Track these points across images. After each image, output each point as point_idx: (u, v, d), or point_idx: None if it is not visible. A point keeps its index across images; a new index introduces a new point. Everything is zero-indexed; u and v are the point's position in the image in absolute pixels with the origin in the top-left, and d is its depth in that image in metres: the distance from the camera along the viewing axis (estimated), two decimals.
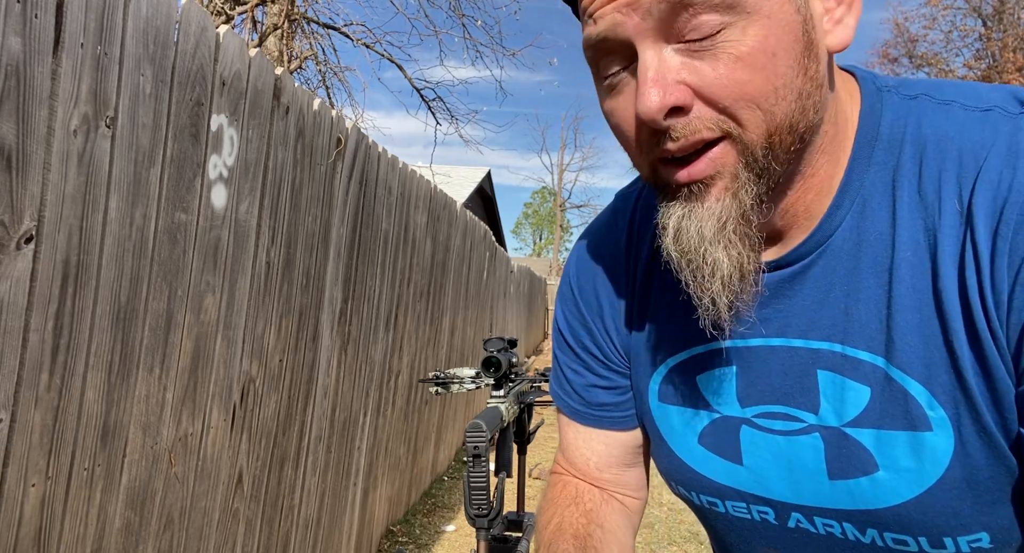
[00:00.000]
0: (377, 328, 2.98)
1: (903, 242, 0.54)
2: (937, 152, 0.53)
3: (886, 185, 0.55)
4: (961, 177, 0.51)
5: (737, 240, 0.53)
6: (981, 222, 0.50)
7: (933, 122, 0.54)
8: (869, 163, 0.56)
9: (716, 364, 0.65)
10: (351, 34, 6.79)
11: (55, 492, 1.21)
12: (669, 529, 3.96)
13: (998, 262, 0.49)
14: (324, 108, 2.19)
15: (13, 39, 1.03)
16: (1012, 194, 0.49)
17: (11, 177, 1.04)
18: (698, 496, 0.70)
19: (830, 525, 0.61)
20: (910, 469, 0.55)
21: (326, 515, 2.60)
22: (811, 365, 0.59)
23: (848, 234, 0.56)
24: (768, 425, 0.62)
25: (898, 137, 0.55)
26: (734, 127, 0.51)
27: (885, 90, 0.58)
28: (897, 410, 0.55)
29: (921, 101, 0.56)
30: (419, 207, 3.47)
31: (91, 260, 1.23)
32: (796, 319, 0.59)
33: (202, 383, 1.63)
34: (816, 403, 0.59)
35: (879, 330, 0.55)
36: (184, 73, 1.44)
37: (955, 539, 0.55)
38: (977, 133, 0.52)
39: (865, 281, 0.56)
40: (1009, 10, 18.60)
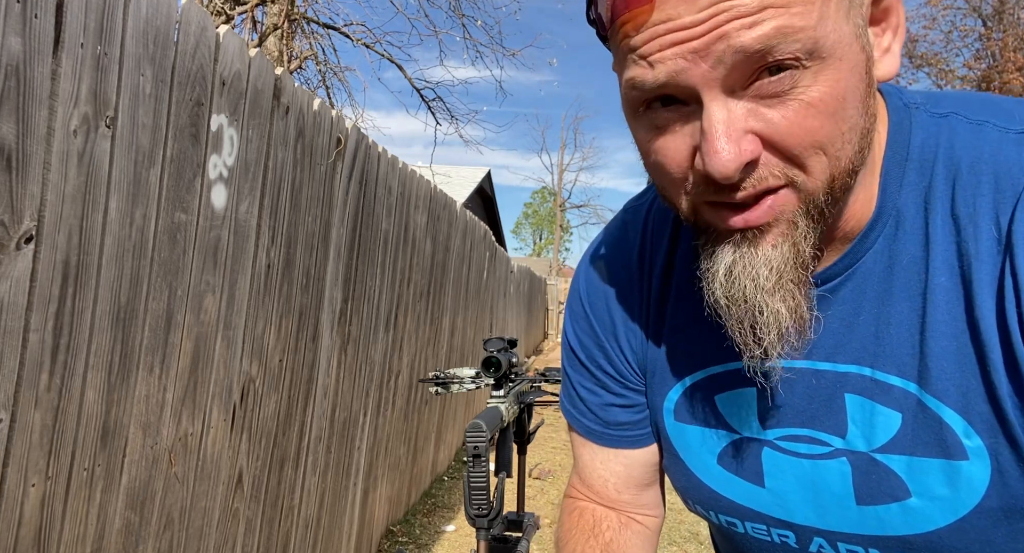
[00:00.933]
0: (377, 328, 2.98)
1: (937, 266, 0.52)
2: (972, 174, 0.51)
3: (918, 207, 0.53)
4: (998, 202, 0.50)
5: (795, 288, 0.51)
6: (1021, 249, 0.48)
7: (966, 142, 0.53)
8: (901, 184, 0.54)
9: (736, 385, 0.63)
10: (351, 34, 6.79)
11: (55, 492, 1.21)
12: (669, 529, 3.96)
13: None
14: (324, 108, 2.19)
15: (13, 39, 1.03)
16: None
17: (11, 177, 1.04)
18: (716, 515, 0.69)
19: (854, 550, 0.60)
20: (944, 497, 0.54)
21: (326, 515, 2.60)
22: (838, 389, 0.58)
23: (879, 257, 0.55)
24: (792, 448, 0.61)
25: (930, 157, 0.53)
26: (799, 174, 0.48)
27: (913, 107, 0.56)
28: (931, 437, 0.53)
29: (952, 120, 0.54)
30: (419, 207, 3.47)
31: (91, 260, 1.23)
32: (823, 341, 0.58)
33: (202, 383, 1.63)
34: (843, 427, 0.58)
35: (912, 355, 0.54)
36: (184, 73, 1.44)
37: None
38: (1014, 156, 0.51)
39: (897, 305, 0.54)
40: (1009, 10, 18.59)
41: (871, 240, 0.55)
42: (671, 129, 0.50)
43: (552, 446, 5.77)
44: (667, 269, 0.69)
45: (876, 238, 0.55)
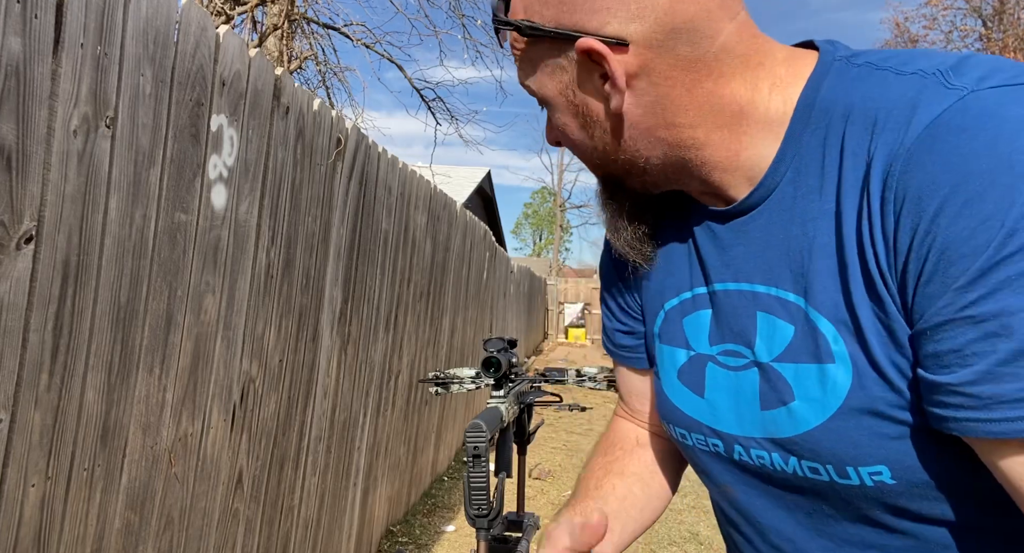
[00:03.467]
0: (377, 328, 2.98)
1: (825, 194, 0.60)
2: (861, 112, 0.58)
3: (819, 144, 0.61)
4: (873, 133, 0.56)
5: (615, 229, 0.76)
6: (875, 173, 0.55)
7: (864, 86, 0.59)
8: (806, 125, 0.62)
9: (696, 307, 0.73)
10: (351, 34, 6.79)
11: (55, 492, 1.20)
12: (669, 529, 3.96)
13: (886, 210, 0.54)
14: (324, 108, 2.19)
15: (13, 39, 1.03)
16: (900, 147, 0.53)
17: (11, 177, 1.04)
18: (674, 429, 0.77)
19: (762, 456, 0.67)
20: (817, 399, 0.60)
21: (326, 515, 2.60)
22: (753, 306, 0.66)
23: (787, 188, 0.64)
24: (725, 361, 0.70)
25: (832, 103, 0.61)
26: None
27: (838, 60, 0.63)
28: (811, 345, 0.61)
29: (863, 69, 0.61)
30: (419, 207, 3.47)
31: (91, 260, 1.23)
32: (746, 265, 0.67)
33: (202, 383, 1.63)
34: (754, 341, 0.66)
35: (802, 274, 0.62)
36: (184, 73, 1.44)
37: (857, 469, 0.59)
38: (894, 93, 0.57)
39: (795, 230, 0.62)
40: (1009, 10, 18.59)
41: (779, 174, 0.64)
42: None
43: (552, 446, 5.77)
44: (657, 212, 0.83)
45: (783, 173, 0.64)
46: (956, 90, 0.53)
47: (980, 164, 0.49)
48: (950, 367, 0.50)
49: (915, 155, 0.52)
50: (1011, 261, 0.46)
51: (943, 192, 0.50)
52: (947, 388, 0.50)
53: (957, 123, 0.51)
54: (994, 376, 0.47)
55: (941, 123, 0.52)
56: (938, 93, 0.53)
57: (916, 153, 0.52)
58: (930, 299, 0.51)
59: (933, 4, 19.28)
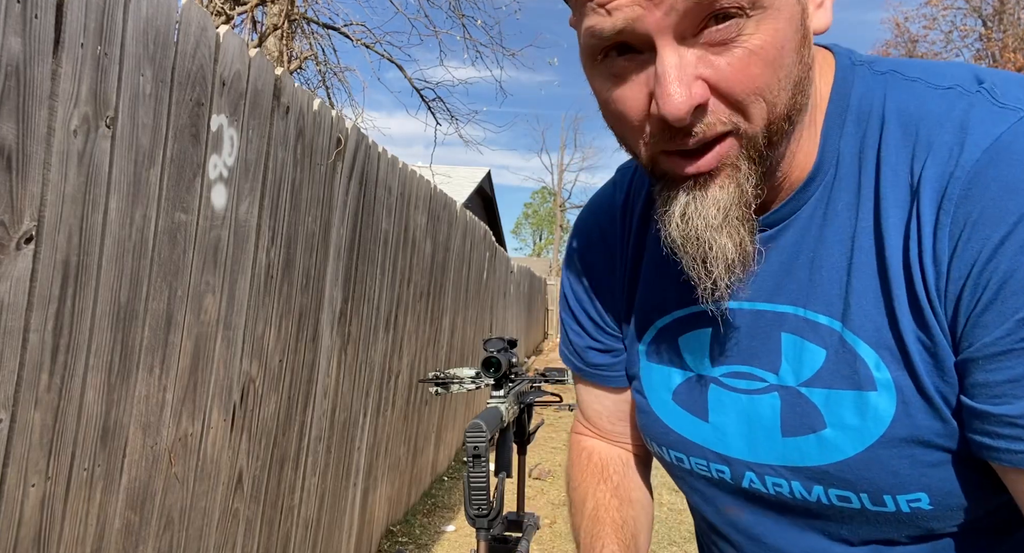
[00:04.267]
0: (377, 328, 2.98)
1: (863, 212, 0.56)
2: (898, 125, 0.55)
3: (854, 156, 0.57)
4: (915, 150, 0.53)
5: (739, 225, 0.55)
6: (926, 195, 0.52)
7: (898, 97, 0.56)
8: (841, 134, 0.58)
9: (695, 326, 0.68)
10: (351, 34, 6.79)
11: (55, 492, 1.21)
12: (669, 529, 3.96)
13: (940, 234, 0.51)
14: (324, 108, 2.19)
15: (13, 39, 1.03)
16: (957, 169, 0.50)
17: (11, 177, 1.04)
18: (668, 452, 0.73)
19: (779, 484, 0.63)
20: (854, 427, 0.57)
21: (326, 515, 2.60)
22: (776, 328, 0.62)
23: (819, 203, 0.59)
24: (734, 384, 0.65)
25: (866, 110, 0.57)
26: (742, 121, 0.52)
27: (858, 64, 0.60)
28: (847, 371, 0.57)
29: (890, 77, 0.58)
30: (419, 207, 3.47)
31: (91, 260, 1.23)
32: (765, 284, 0.62)
33: (202, 383, 1.63)
34: (777, 364, 0.62)
35: (838, 296, 0.58)
36: (184, 73, 1.44)
37: (895, 497, 0.57)
38: (935, 109, 0.54)
39: (829, 249, 0.58)
40: (1009, 10, 18.59)
41: (812, 188, 0.59)
42: (628, 78, 0.53)
43: (552, 446, 5.77)
44: (643, 222, 0.74)
45: (817, 186, 0.59)
46: (1010, 110, 0.51)
47: None
48: (1004, 397, 0.49)
49: (976, 179, 0.50)
50: None
51: (1011, 220, 0.48)
52: (1002, 419, 0.49)
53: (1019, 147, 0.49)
54: None
55: (1002, 145, 0.49)
56: (991, 113, 0.51)
57: (977, 177, 0.49)
58: (985, 328, 0.49)
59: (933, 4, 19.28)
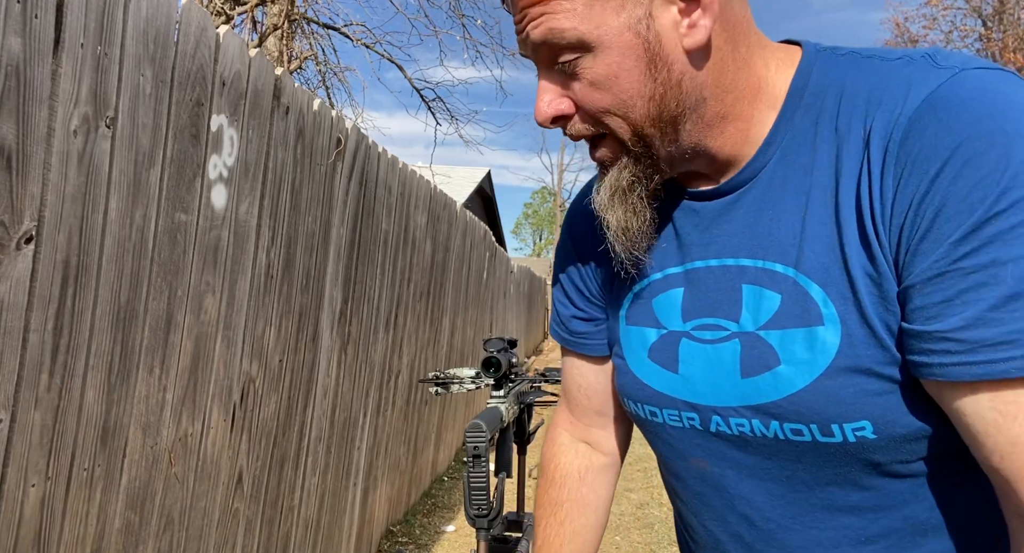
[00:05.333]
0: (377, 328, 2.98)
1: (819, 168, 0.63)
2: (853, 92, 0.62)
3: (811, 124, 0.64)
4: (867, 109, 0.60)
5: (620, 206, 0.68)
6: (875, 143, 0.58)
7: (855, 71, 0.63)
8: (797, 108, 0.65)
9: (667, 287, 0.74)
10: (351, 34, 6.79)
11: (55, 492, 1.21)
12: (669, 529, 3.96)
13: (885, 174, 0.57)
14: (324, 108, 2.19)
15: (13, 39, 1.03)
16: (900, 117, 0.57)
17: (11, 177, 1.04)
18: (643, 407, 0.78)
19: (742, 424, 0.68)
20: (804, 361, 0.62)
21: (326, 515, 2.60)
22: (738, 280, 0.68)
23: (776, 168, 0.66)
24: (700, 335, 0.71)
25: (824, 86, 0.64)
26: (605, 128, 0.65)
27: (822, 52, 0.67)
28: (799, 310, 0.63)
29: (848, 57, 0.65)
30: (419, 207, 3.47)
31: (91, 260, 1.23)
32: (730, 241, 0.69)
33: (202, 383, 1.63)
34: (738, 313, 0.67)
35: (793, 245, 0.63)
36: (184, 73, 1.44)
37: (841, 426, 0.61)
38: (884, 75, 0.61)
39: (787, 205, 0.64)
40: (1009, 10, 18.58)
41: (769, 154, 0.66)
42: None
43: None
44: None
45: (774, 152, 0.66)
46: (947, 69, 0.57)
47: (978, 128, 0.53)
48: (939, 316, 0.53)
49: (916, 122, 0.56)
50: (1004, 216, 0.50)
51: (944, 155, 0.53)
52: (934, 335, 0.53)
53: (955, 94, 0.55)
54: (983, 321, 0.51)
55: (939, 95, 0.56)
56: (930, 71, 0.58)
57: (916, 121, 0.56)
58: (923, 254, 0.54)
59: (933, 4, 19.28)
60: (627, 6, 0.60)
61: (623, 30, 0.61)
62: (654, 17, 0.61)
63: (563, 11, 0.61)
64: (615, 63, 0.61)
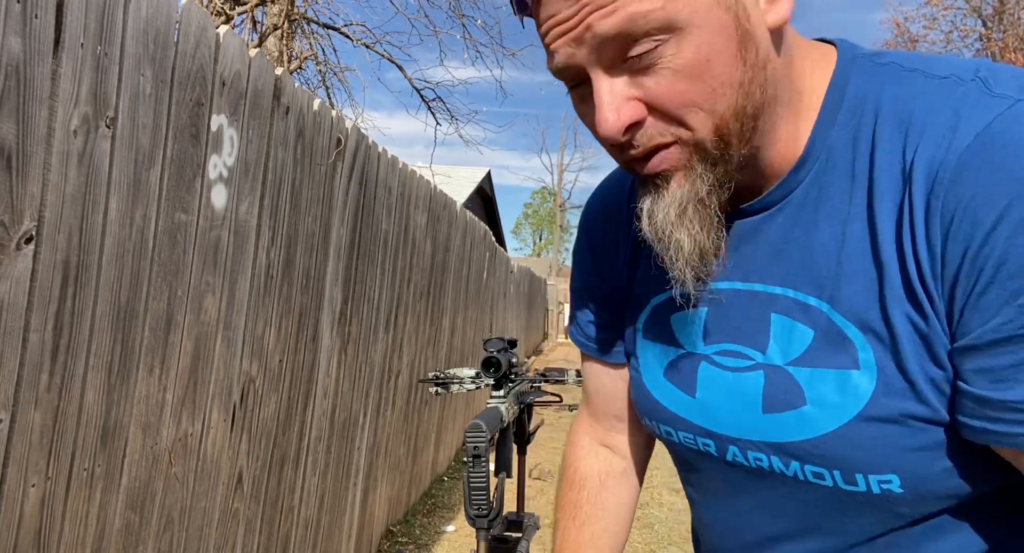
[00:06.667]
0: (377, 328, 2.98)
1: (856, 197, 0.58)
2: (894, 114, 0.56)
3: (847, 143, 0.59)
4: (908, 136, 0.55)
5: (697, 222, 0.59)
6: (918, 180, 0.53)
7: (895, 86, 0.58)
8: (833, 123, 0.60)
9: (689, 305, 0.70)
10: (351, 34, 6.79)
11: (55, 492, 1.21)
12: (669, 529, 3.96)
13: (931, 219, 0.52)
14: (324, 108, 2.19)
15: (13, 39, 1.03)
16: (948, 154, 0.51)
17: (11, 177, 1.04)
18: (658, 426, 0.75)
19: (760, 458, 0.65)
20: (834, 404, 0.58)
21: (326, 515, 2.60)
22: (768, 308, 0.63)
23: (811, 188, 0.61)
24: (723, 361, 0.67)
25: (862, 100, 0.59)
26: (683, 132, 0.57)
27: (860, 57, 0.61)
28: (833, 350, 0.59)
29: (889, 68, 0.59)
30: (419, 207, 3.47)
31: (91, 260, 1.23)
32: (758, 264, 0.64)
33: (202, 383, 1.63)
34: (765, 343, 0.64)
35: (828, 278, 0.59)
36: (184, 73, 1.44)
37: (866, 476, 0.58)
38: (929, 97, 0.55)
39: (822, 233, 0.60)
40: (1009, 10, 18.59)
41: (803, 173, 0.61)
42: (587, 101, 0.60)
43: (552, 446, 5.77)
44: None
45: (808, 171, 0.61)
46: (1002, 99, 0.51)
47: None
48: (1009, 383, 0.49)
49: (968, 164, 0.50)
50: None
51: (1002, 204, 0.48)
52: (1006, 404, 0.50)
53: (1011, 133, 0.49)
54: None
55: (994, 132, 0.50)
56: (983, 100, 0.52)
57: (968, 162, 0.50)
58: (983, 314, 0.50)
59: (933, 4, 19.28)
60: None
61: (712, 6, 0.53)
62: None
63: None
64: (706, 44, 0.53)
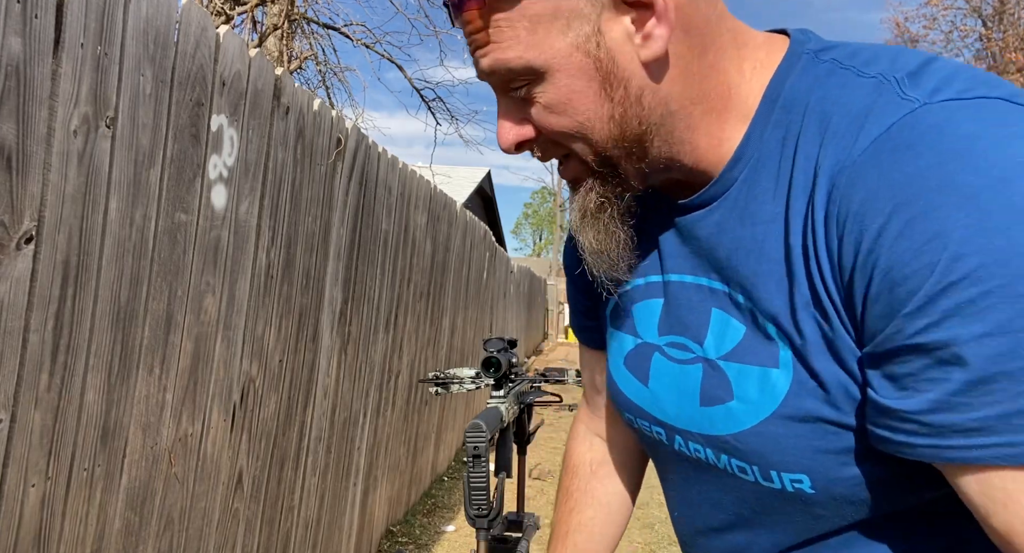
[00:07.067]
0: (377, 328, 2.98)
1: (778, 198, 0.59)
2: (817, 114, 0.57)
3: (778, 142, 0.60)
4: (824, 138, 0.55)
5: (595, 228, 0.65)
6: (821, 183, 0.54)
7: (825, 85, 0.58)
8: (767, 123, 0.61)
9: (648, 295, 0.73)
10: (351, 34, 6.80)
11: (55, 492, 1.21)
12: (669, 529, 3.96)
13: (829, 223, 0.53)
14: (324, 108, 2.19)
15: (13, 39, 1.03)
16: (847, 158, 0.52)
17: (11, 177, 1.04)
18: (623, 413, 0.78)
19: (698, 450, 0.68)
20: (754, 401, 0.60)
21: (326, 515, 2.60)
22: (710, 302, 0.65)
23: (743, 187, 0.62)
24: (672, 353, 0.70)
25: (795, 99, 0.59)
26: (568, 149, 0.63)
27: (806, 54, 0.62)
28: (757, 348, 0.61)
29: (827, 65, 0.59)
30: (419, 207, 3.47)
31: (91, 260, 1.23)
32: (700, 259, 0.66)
33: (202, 383, 1.63)
34: (704, 336, 0.66)
35: (749, 277, 0.61)
36: (184, 73, 1.44)
37: (780, 474, 0.60)
38: (850, 97, 0.55)
39: (747, 231, 0.61)
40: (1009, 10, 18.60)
41: (736, 171, 0.63)
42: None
43: (552, 446, 5.77)
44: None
45: (741, 171, 0.62)
46: (908, 101, 0.51)
47: (924, 183, 0.47)
48: (906, 390, 0.49)
49: (860, 170, 0.51)
50: (958, 288, 0.45)
51: (886, 210, 0.49)
52: (901, 415, 0.49)
53: (904, 138, 0.50)
54: (949, 405, 0.47)
55: (888, 137, 0.50)
56: (891, 103, 0.52)
57: (861, 168, 0.51)
58: (878, 322, 0.50)
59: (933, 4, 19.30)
60: (573, 24, 0.57)
61: (571, 51, 0.57)
62: (603, 32, 0.57)
63: (507, 39, 0.58)
64: (566, 86, 0.59)
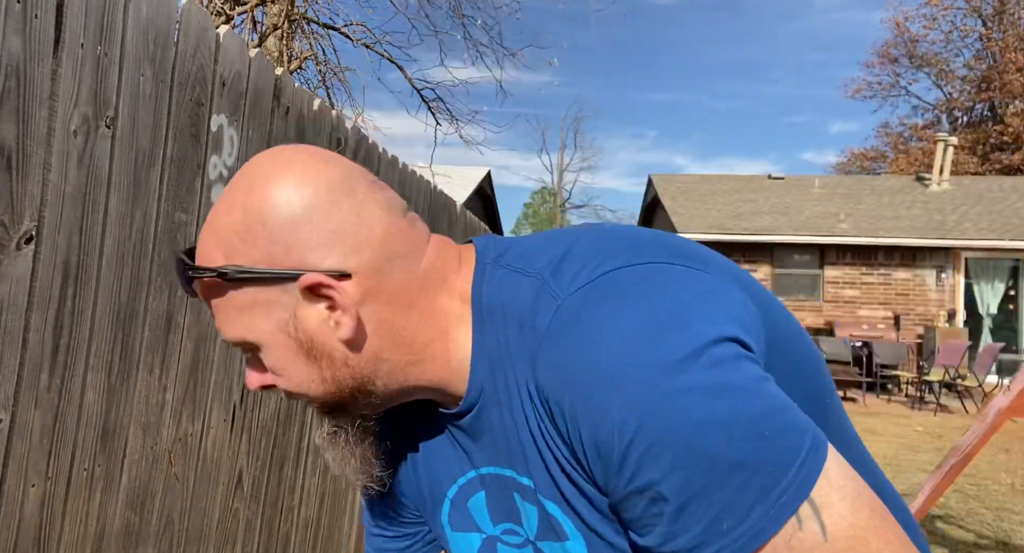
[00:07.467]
0: None
1: (513, 391, 0.66)
2: (512, 317, 0.65)
3: (495, 345, 0.67)
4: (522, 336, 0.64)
5: (330, 449, 0.73)
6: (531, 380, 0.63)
7: (506, 291, 0.66)
8: (483, 332, 0.68)
9: (472, 490, 0.78)
10: (351, 34, 6.80)
11: (55, 492, 1.20)
12: None
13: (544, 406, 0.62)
14: (324, 108, 2.19)
15: (13, 39, 1.03)
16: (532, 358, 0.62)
17: (11, 177, 1.04)
18: None
19: None
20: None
21: (326, 515, 2.60)
22: (511, 489, 0.72)
23: (487, 383, 0.69)
24: (508, 540, 0.76)
25: (491, 306, 0.67)
26: (301, 397, 0.70)
27: (488, 265, 0.70)
28: (548, 525, 0.68)
29: (503, 270, 0.68)
30: (419, 207, 3.47)
31: (91, 260, 1.23)
32: (489, 452, 0.73)
33: (202, 383, 1.63)
34: (521, 520, 0.73)
35: (523, 461, 0.68)
36: (184, 73, 1.44)
37: None
38: (521, 297, 0.64)
39: (506, 419, 0.68)
40: (1009, 10, 18.60)
41: (480, 376, 0.69)
42: None
43: None
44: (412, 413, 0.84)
45: (484, 373, 0.69)
46: (554, 299, 0.61)
47: (575, 368, 0.58)
48: (644, 528, 0.57)
49: (542, 361, 0.61)
50: (635, 444, 0.54)
51: (567, 398, 0.58)
52: (649, 549, 0.57)
53: (553, 332, 0.60)
54: (673, 534, 0.55)
55: (548, 333, 0.60)
56: (544, 303, 0.62)
57: (542, 360, 0.61)
58: (604, 481, 0.58)
59: (933, 4, 19.30)
60: (274, 311, 0.65)
61: (274, 331, 0.66)
62: (300, 318, 0.65)
63: (226, 318, 0.67)
64: (278, 358, 0.67)
